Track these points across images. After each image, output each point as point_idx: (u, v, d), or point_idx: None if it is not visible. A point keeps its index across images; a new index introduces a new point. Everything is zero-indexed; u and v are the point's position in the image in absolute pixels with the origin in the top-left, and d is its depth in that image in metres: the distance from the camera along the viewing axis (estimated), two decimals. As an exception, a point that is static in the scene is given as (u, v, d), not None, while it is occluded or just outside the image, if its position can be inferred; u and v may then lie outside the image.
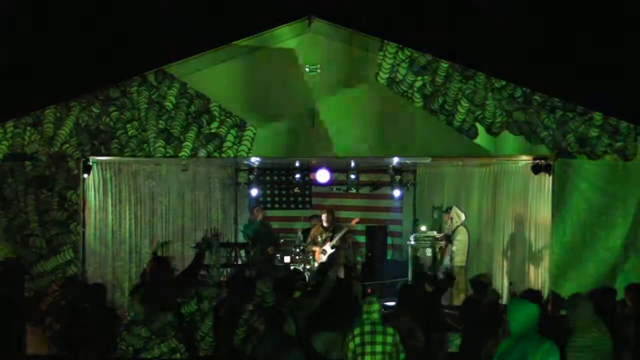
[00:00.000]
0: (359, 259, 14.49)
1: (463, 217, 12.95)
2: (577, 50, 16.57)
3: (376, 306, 7.58)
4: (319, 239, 13.17)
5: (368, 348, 7.39)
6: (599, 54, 16.38)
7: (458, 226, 12.85)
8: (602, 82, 15.85)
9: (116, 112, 11.30)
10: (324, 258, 13.04)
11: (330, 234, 13.17)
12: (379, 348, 7.38)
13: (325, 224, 13.24)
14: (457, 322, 10.04)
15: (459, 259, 12.74)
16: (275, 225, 14.77)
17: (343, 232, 13.44)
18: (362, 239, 14.54)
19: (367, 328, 7.45)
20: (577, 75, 15.95)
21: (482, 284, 9.59)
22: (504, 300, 11.37)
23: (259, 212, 13.86)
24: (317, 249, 13.13)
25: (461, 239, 12.81)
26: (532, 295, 9.07)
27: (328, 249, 13.07)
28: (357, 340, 7.44)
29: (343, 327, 7.65)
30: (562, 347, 6.89)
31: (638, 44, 16.04)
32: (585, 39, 16.51)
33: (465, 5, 17.27)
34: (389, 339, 7.44)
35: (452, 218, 12.99)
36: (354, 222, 13.73)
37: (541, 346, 5.75)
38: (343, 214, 14.57)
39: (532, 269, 11.95)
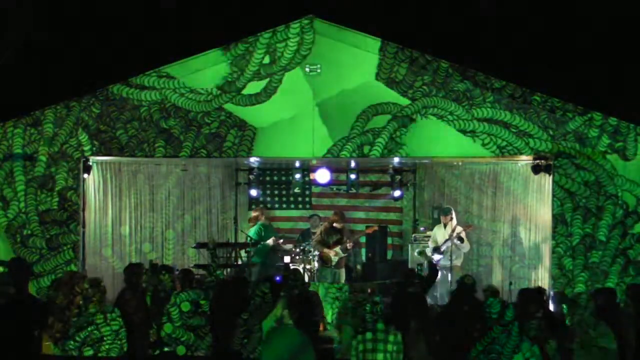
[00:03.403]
0: (359, 259, 14.47)
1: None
2: (577, 50, 16.56)
3: (376, 307, 7.66)
4: (329, 240, 13.10)
5: (369, 345, 7.47)
6: (599, 54, 16.38)
7: (456, 226, 12.80)
8: (602, 82, 15.84)
9: (116, 112, 11.32)
10: (335, 260, 13.00)
11: (340, 236, 13.11)
12: (380, 346, 7.45)
13: (335, 225, 13.17)
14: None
15: (459, 260, 12.71)
16: (275, 225, 14.75)
17: (356, 236, 13.47)
18: (362, 239, 14.53)
19: (369, 333, 7.53)
20: (577, 76, 15.94)
21: (465, 285, 9.58)
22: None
23: (259, 213, 13.81)
24: (327, 250, 13.02)
25: (466, 240, 12.78)
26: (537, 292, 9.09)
27: (340, 251, 13.01)
28: (359, 338, 7.54)
29: None
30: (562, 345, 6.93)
31: (638, 43, 16.04)
32: (585, 39, 16.51)
33: (466, 5, 17.27)
34: (391, 338, 7.51)
35: (452, 219, 12.93)
36: (370, 230, 13.67)
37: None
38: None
39: (532, 269, 11.96)
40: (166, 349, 8.67)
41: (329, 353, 9.74)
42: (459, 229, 12.61)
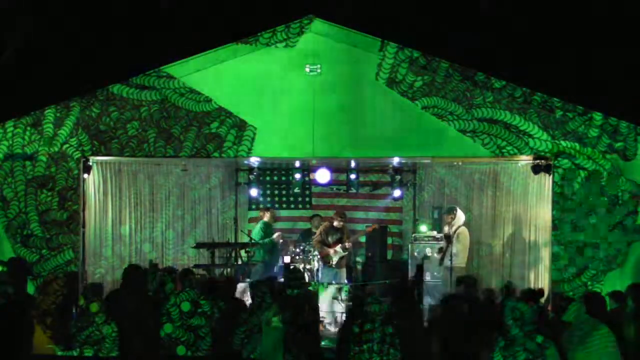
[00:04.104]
0: (359, 259, 14.50)
1: (463, 218, 12.92)
2: (577, 50, 16.56)
3: (376, 307, 7.65)
4: (329, 239, 13.10)
5: (366, 346, 7.47)
6: (599, 54, 16.38)
7: (459, 227, 12.80)
8: (602, 82, 15.83)
9: (116, 112, 11.33)
10: (335, 260, 13.00)
11: (340, 235, 13.12)
12: (376, 347, 7.45)
13: (336, 225, 13.19)
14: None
15: (460, 260, 12.70)
16: (275, 225, 14.75)
17: (356, 236, 13.48)
18: (362, 238, 14.53)
19: (368, 326, 7.52)
20: (577, 75, 15.94)
21: (467, 284, 9.60)
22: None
23: (264, 213, 13.86)
24: (327, 249, 13.03)
25: (463, 240, 12.77)
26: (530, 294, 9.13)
27: (340, 250, 13.03)
28: (357, 338, 7.53)
29: None
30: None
31: (637, 43, 16.03)
32: (585, 39, 16.50)
33: (467, 6, 17.26)
34: (387, 339, 7.50)
35: (453, 218, 12.93)
36: (369, 229, 13.67)
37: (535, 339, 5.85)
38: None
39: (532, 269, 11.96)
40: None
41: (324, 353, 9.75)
42: (460, 229, 12.63)
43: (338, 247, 12.99)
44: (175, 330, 8.63)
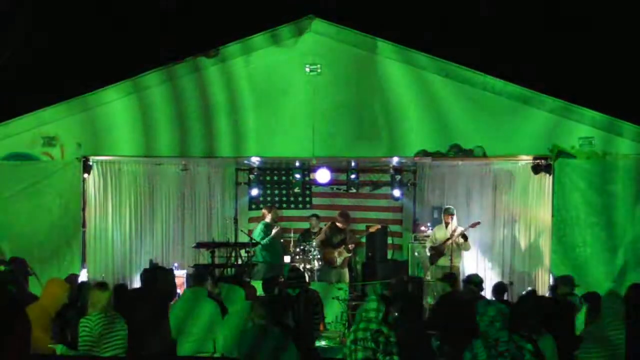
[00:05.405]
0: (359, 259, 14.50)
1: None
2: (577, 50, 16.59)
3: (373, 304, 7.60)
4: (334, 240, 13.10)
5: (360, 344, 7.44)
6: (599, 54, 16.41)
7: (457, 227, 12.80)
8: (602, 81, 15.86)
9: (116, 112, 11.33)
10: (339, 260, 13.00)
11: (343, 236, 13.13)
12: (370, 345, 7.42)
13: (340, 225, 13.19)
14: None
15: (458, 260, 12.72)
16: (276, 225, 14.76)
17: (357, 237, 13.49)
18: (362, 238, 14.53)
19: (362, 325, 7.48)
20: (576, 75, 15.98)
21: (473, 282, 9.61)
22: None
23: (268, 212, 13.83)
24: (331, 249, 13.02)
25: (468, 240, 12.79)
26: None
27: (344, 251, 13.04)
28: (352, 337, 7.50)
29: None
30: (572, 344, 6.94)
31: (638, 43, 16.06)
32: (585, 38, 16.53)
33: (467, 6, 17.30)
34: (381, 339, 7.45)
35: (451, 219, 12.91)
36: (372, 229, 13.68)
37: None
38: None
39: (532, 269, 11.96)
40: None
41: (325, 353, 9.75)
42: (459, 229, 12.61)
43: (342, 248, 13.03)
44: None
